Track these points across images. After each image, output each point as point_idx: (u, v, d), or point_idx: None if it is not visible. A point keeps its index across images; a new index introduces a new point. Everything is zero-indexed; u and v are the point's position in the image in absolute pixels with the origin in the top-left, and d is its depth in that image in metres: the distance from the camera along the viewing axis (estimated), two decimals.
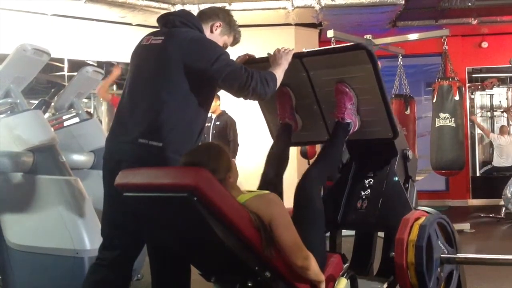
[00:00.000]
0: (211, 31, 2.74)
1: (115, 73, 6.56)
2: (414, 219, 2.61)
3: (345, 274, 2.49)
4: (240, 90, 2.55)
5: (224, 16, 2.78)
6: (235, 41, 2.85)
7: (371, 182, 3.09)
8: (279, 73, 2.67)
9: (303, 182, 2.66)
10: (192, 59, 2.50)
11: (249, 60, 2.92)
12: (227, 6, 6.80)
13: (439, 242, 2.61)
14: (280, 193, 2.76)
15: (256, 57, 2.95)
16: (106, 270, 2.58)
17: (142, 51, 2.68)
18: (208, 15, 2.76)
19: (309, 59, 2.92)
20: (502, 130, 9.71)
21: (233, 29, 2.81)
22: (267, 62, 2.79)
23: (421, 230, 2.52)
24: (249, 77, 2.50)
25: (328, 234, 3.12)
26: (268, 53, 2.85)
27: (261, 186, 2.75)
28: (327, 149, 2.86)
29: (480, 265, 4.38)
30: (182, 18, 2.67)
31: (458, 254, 2.74)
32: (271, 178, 2.80)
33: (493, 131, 10.85)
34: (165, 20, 2.71)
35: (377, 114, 2.89)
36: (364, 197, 3.06)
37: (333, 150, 2.85)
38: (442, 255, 2.61)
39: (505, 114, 10.87)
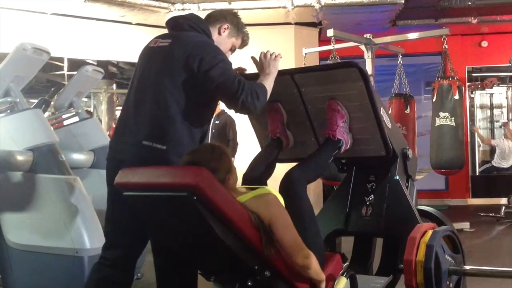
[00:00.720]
0: (219, 33, 2.73)
1: None
2: (420, 236, 2.60)
3: (345, 273, 2.49)
4: (230, 101, 2.53)
5: (232, 18, 2.78)
6: (244, 43, 2.84)
7: (373, 187, 3.08)
8: (269, 84, 2.63)
9: (286, 181, 2.63)
10: (193, 61, 2.50)
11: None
12: (227, 5, 6.81)
13: (446, 255, 2.62)
14: None
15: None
16: (109, 269, 2.57)
17: (149, 53, 2.68)
18: (216, 17, 2.76)
19: (300, 76, 2.91)
20: (507, 134, 9.74)
21: (241, 31, 2.80)
22: (256, 78, 2.70)
23: (428, 251, 2.53)
24: (240, 89, 2.47)
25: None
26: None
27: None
28: (313, 155, 2.83)
29: (478, 263, 4.40)
30: (190, 22, 2.67)
31: (465, 266, 2.76)
32: (253, 182, 2.72)
33: (493, 132, 10.87)
34: (174, 23, 2.73)
35: (369, 132, 2.87)
36: (368, 203, 3.06)
37: (319, 157, 2.81)
38: (450, 268, 2.62)
39: (504, 115, 10.89)
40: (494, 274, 3.14)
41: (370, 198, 3.06)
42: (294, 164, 2.80)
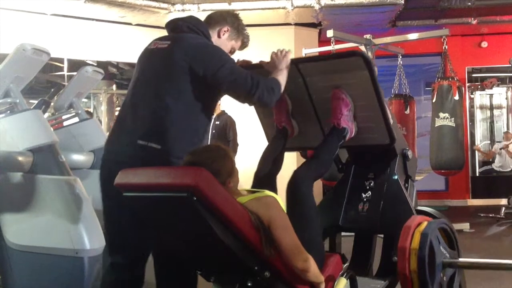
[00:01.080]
0: (219, 36, 2.73)
1: None
2: (416, 226, 2.61)
3: (345, 274, 2.49)
4: (245, 98, 2.56)
5: (232, 20, 2.77)
6: (243, 45, 2.84)
7: (371, 184, 3.09)
8: (282, 79, 2.67)
9: (292, 180, 2.64)
10: (197, 65, 2.49)
11: (243, 66, 2.89)
12: (227, 6, 6.81)
13: (441, 247, 2.62)
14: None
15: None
16: (120, 272, 2.56)
17: (149, 55, 2.67)
18: (215, 19, 2.75)
19: (305, 65, 2.92)
20: (507, 137, 9.76)
21: (241, 33, 2.79)
22: (262, 68, 2.76)
23: (422, 238, 2.52)
24: (254, 85, 2.50)
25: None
26: (261, 61, 2.84)
27: (255, 186, 2.74)
28: (319, 150, 2.84)
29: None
30: (189, 24, 2.67)
31: (460, 259, 2.75)
32: (265, 179, 2.78)
33: (492, 131, 10.87)
34: (173, 25, 2.72)
35: (374, 120, 2.89)
36: (365, 199, 3.06)
37: (324, 151, 2.82)
38: (444, 260, 2.61)
39: (504, 115, 10.90)
40: (489, 267, 3.14)
41: (368, 195, 3.07)
42: (297, 164, 2.81)
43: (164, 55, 2.57)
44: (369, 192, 3.07)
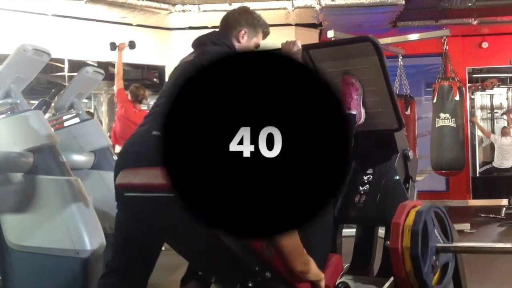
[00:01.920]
0: (239, 41, 2.75)
1: (122, 45, 6.36)
2: (411, 206, 2.62)
3: (340, 285, 2.49)
4: None
5: (246, 19, 2.78)
6: (265, 34, 2.87)
7: (370, 179, 3.10)
8: None
9: None
10: None
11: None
12: (227, 7, 6.81)
13: (435, 230, 2.61)
14: None
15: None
16: (120, 277, 2.55)
17: (174, 70, 2.71)
18: (231, 25, 2.76)
19: (316, 51, 2.94)
20: (504, 132, 9.72)
21: (258, 26, 2.81)
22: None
23: (417, 215, 2.53)
24: None
25: None
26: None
27: None
28: None
29: (479, 264, 4.41)
30: (212, 38, 2.71)
31: (453, 243, 2.75)
32: None
33: (493, 132, 10.85)
34: (198, 42, 2.76)
35: (382, 105, 2.92)
36: (362, 192, 3.07)
37: None
38: (438, 244, 2.61)
39: (505, 117, 10.87)
40: (483, 251, 3.17)
41: (365, 188, 3.07)
42: None
43: (189, 63, 2.61)
44: (367, 185, 3.08)
